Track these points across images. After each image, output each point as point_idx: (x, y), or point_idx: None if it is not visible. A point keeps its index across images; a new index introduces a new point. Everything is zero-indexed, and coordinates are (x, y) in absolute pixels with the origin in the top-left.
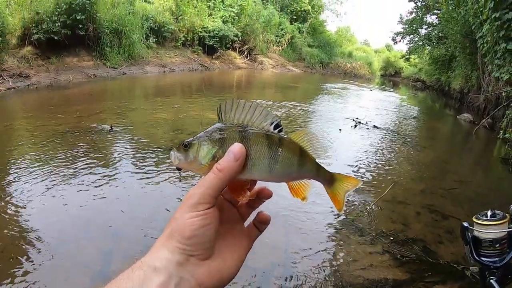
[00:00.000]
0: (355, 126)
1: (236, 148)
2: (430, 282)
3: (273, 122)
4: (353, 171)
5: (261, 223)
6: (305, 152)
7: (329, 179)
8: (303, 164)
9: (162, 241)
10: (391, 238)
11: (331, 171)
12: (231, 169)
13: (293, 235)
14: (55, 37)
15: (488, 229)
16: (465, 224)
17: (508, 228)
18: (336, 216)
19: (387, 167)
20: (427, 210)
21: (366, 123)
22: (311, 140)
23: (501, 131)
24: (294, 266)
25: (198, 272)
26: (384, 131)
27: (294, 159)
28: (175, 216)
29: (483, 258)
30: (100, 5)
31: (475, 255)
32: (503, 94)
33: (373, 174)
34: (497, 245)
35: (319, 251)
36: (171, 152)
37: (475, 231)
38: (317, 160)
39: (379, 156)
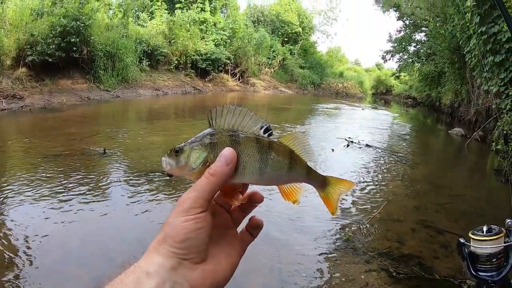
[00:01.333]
0: (348, 145)
1: (227, 152)
2: None
3: (263, 126)
4: None
5: (254, 228)
6: (295, 155)
7: (321, 182)
8: (294, 167)
9: (154, 245)
10: (387, 255)
11: (323, 174)
12: (223, 173)
13: (287, 254)
14: (50, 59)
15: (484, 244)
16: (462, 240)
17: (505, 242)
18: (331, 236)
19: (381, 185)
20: (421, 226)
21: (359, 142)
22: (302, 143)
23: (493, 143)
24: (289, 286)
25: (192, 276)
26: (377, 149)
27: (284, 162)
28: (167, 221)
29: (480, 273)
30: (94, 28)
31: (472, 270)
32: (493, 106)
33: (366, 192)
34: (494, 259)
35: (314, 271)
36: (162, 159)
37: (471, 246)
38: (308, 163)
39: (372, 174)
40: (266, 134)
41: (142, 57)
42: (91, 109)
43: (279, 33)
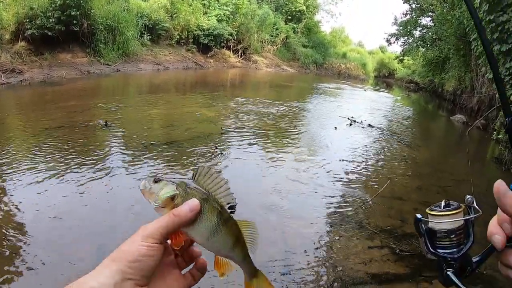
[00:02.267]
0: (350, 124)
1: (194, 202)
2: (429, 276)
3: (230, 203)
4: (349, 167)
5: (198, 270)
6: (241, 240)
7: (250, 273)
8: (235, 249)
9: (106, 262)
10: (390, 233)
11: (256, 267)
12: (184, 217)
13: (292, 230)
14: (49, 33)
15: (442, 219)
16: (419, 216)
17: (464, 217)
18: (335, 212)
19: (383, 164)
20: (423, 206)
21: (361, 122)
22: (253, 234)
23: (494, 132)
24: (294, 261)
25: None
26: (379, 130)
27: (229, 241)
28: (126, 242)
29: (439, 250)
30: (94, 1)
31: (430, 247)
32: (497, 95)
33: (369, 170)
34: (453, 236)
35: (319, 246)
36: (143, 180)
37: (429, 222)
38: (249, 252)
39: (374, 153)
40: (229, 210)
41: (143, 31)
42: (92, 83)
43: (283, 10)
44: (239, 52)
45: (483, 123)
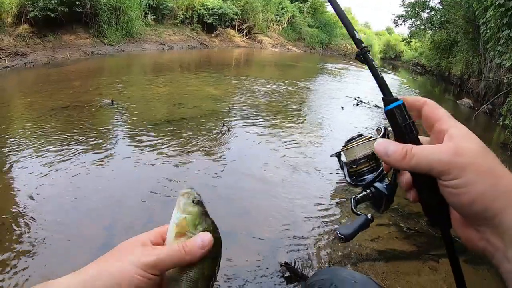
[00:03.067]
0: (357, 104)
1: (208, 237)
2: (436, 255)
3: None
4: None
5: None
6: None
7: None
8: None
9: (88, 271)
10: (397, 211)
11: None
12: (194, 257)
13: (300, 207)
14: (52, 15)
15: (349, 151)
16: (336, 152)
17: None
18: (343, 191)
19: None
20: None
21: (368, 102)
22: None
23: (501, 118)
24: (301, 238)
25: None
26: None
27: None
28: (122, 259)
29: (354, 178)
30: None
31: (348, 177)
32: (505, 81)
33: None
34: (361, 164)
35: (326, 223)
36: (191, 190)
37: (342, 155)
38: None
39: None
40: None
41: (147, 11)
42: (96, 63)
43: None
44: (244, 32)
45: (490, 108)
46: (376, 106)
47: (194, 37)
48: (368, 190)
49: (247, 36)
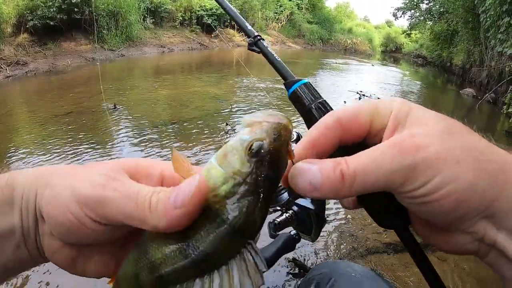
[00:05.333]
0: (360, 98)
1: (195, 190)
2: None
3: None
4: None
5: None
6: None
7: None
8: None
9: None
10: None
11: None
12: (159, 213)
13: None
14: (51, 23)
15: None
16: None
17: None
18: None
19: None
20: None
21: (371, 96)
22: None
23: (504, 106)
24: None
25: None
26: None
27: None
28: (72, 177)
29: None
30: None
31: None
32: (507, 69)
33: None
34: None
35: (334, 217)
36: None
37: None
38: None
39: None
40: None
41: (146, 15)
42: (97, 69)
43: None
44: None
45: (493, 97)
46: (379, 99)
47: (193, 39)
48: (290, 212)
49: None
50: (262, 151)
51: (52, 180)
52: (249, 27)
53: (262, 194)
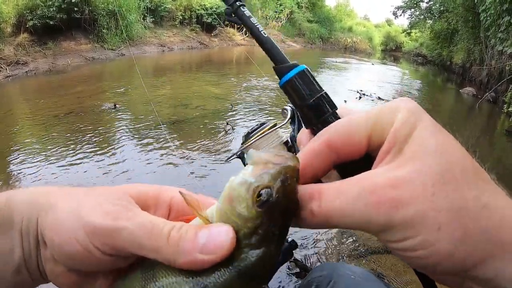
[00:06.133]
0: (360, 97)
1: (224, 239)
2: None
3: None
4: None
5: None
6: None
7: None
8: None
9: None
10: None
11: None
12: (182, 252)
13: None
14: (51, 22)
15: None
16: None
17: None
18: None
19: None
20: None
21: (371, 95)
22: None
23: (505, 105)
24: (310, 232)
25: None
26: None
27: None
28: (78, 203)
29: None
30: None
31: None
32: (507, 67)
33: None
34: None
35: None
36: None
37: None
38: None
39: None
40: None
41: (146, 14)
42: (97, 68)
43: None
44: (244, 30)
45: (493, 96)
46: (379, 98)
47: (193, 38)
48: None
49: (247, 34)
50: (271, 199)
51: (53, 202)
52: None
53: (273, 242)
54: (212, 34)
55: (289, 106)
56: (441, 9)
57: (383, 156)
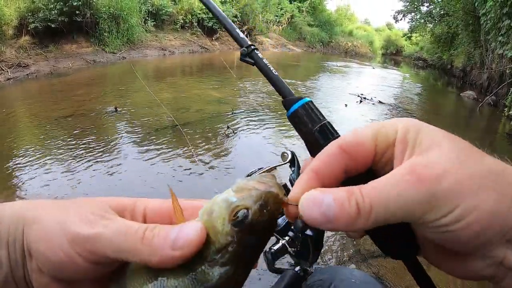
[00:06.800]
0: (361, 101)
1: (193, 233)
2: None
3: None
4: None
5: None
6: None
7: None
8: None
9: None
10: None
11: None
12: (155, 250)
13: None
14: (52, 25)
15: None
16: None
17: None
18: None
19: None
20: None
21: (371, 98)
22: None
23: (505, 108)
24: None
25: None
26: (390, 106)
27: None
28: (62, 212)
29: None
30: None
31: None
32: (507, 71)
33: None
34: None
35: None
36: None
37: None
38: None
39: None
40: None
41: (147, 18)
42: (98, 72)
43: None
44: (245, 34)
45: (494, 99)
46: (380, 102)
47: (194, 41)
48: (286, 238)
49: (248, 38)
50: (246, 220)
51: (39, 215)
52: (241, 35)
53: (241, 263)
54: (213, 38)
55: (289, 150)
56: (442, 12)
57: (401, 156)
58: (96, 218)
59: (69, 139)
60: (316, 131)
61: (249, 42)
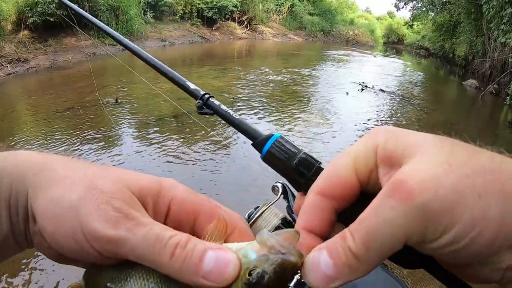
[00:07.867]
0: (362, 90)
1: (225, 263)
2: None
3: None
4: (363, 132)
5: None
6: None
7: None
8: None
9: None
10: None
11: None
12: (183, 268)
13: None
14: (51, 19)
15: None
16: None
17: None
18: None
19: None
20: None
21: (373, 87)
22: None
23: (507, 97)
24: None
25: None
26: (391, 95)
27: None
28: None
29: None
30: None
31: None
32: (510, 59)
33: None
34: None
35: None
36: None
37: None
38: None
39: (388, 118)
40: None
41: (146, 9)
42: (98, 64)
43: None
44: (245, 24)
45: (496, 88)
46: (381, 90)
47: (194, 32)
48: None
49: (248, 28)
50: (258, 283)
51: (45, 182)
52: (192, 86)
53: None
54: (213, 28)
55: (279, 182)
56: (444, 1)
57: (386, 177)
58: (119, 218)
59: (69, 131)
60: (295, 166)
61: (202, 92)
